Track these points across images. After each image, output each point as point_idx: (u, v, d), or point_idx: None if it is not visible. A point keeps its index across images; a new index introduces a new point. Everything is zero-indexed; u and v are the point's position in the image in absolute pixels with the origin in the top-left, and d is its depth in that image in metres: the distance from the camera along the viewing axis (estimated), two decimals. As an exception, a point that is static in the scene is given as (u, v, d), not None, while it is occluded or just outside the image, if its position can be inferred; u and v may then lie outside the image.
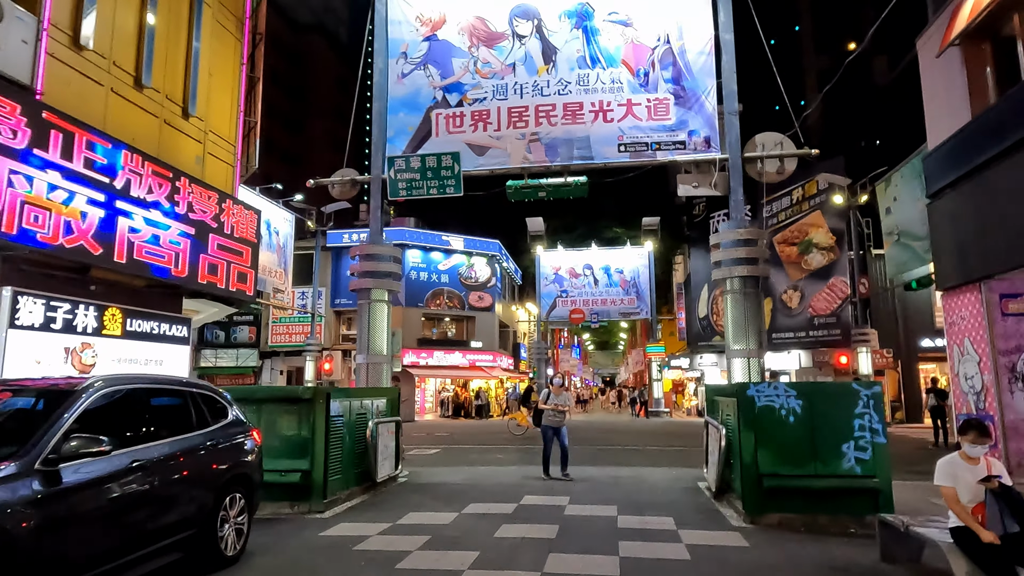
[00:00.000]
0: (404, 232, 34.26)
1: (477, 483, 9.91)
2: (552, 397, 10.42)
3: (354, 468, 8.90)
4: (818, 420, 7.03)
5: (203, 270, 10.81)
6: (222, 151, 12.38)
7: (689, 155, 11.23)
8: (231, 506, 5.53)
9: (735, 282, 10.58)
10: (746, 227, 10.69)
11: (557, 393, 10.44)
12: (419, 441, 18.31)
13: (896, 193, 24.49)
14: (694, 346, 36.56)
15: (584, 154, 11.50)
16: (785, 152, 10.99)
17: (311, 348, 28.91)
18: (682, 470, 11.20)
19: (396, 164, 11.79)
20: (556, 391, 10.46)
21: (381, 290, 11.60)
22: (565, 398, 10.52)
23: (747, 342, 10.40)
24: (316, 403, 7.93)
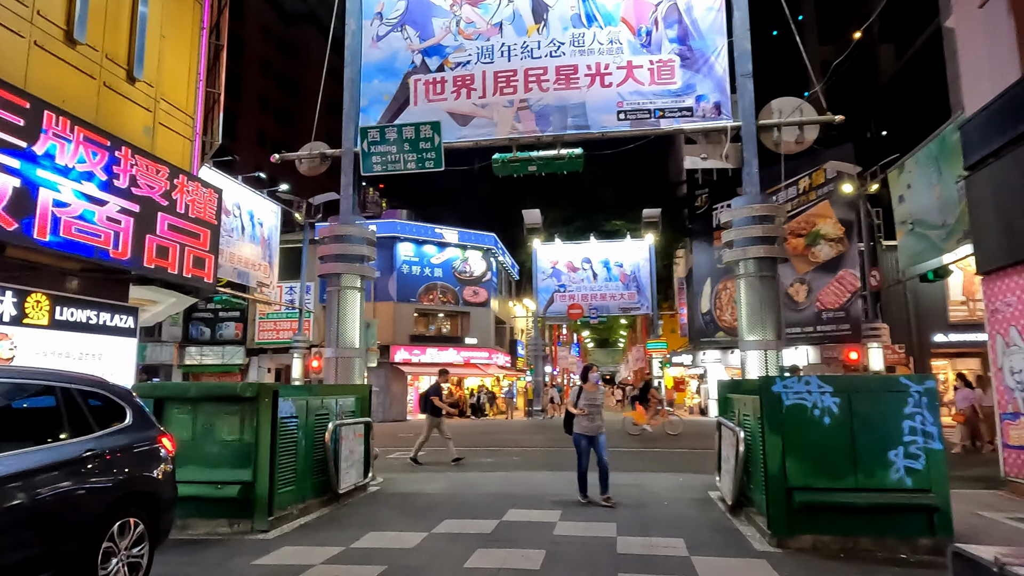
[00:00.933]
0: (396, 224, 33.04)
1: (457, 493, 8.70)
2: (585, 396, 8.05)
3: (312, 477, 7.68)
4: (859, 422, 5.82)
5: (150, 253, 9.59)
6: (178, 123, 11.16)
7: (697, 123, 10.00)
8: (122, 535, 4.32)
9: (750, 264, 9.37)
10: (761, 202, 9.47)
11: (592, 389, 8.12)
12: (405, 443, 17.08)
13: (910, 180, 23.17)
14: (696, 342, 35.34)
15: (579, 123, 10.28)
16: (805, 119, 9.78)
17: (299, 345, 27.69)
18: (689, 476, 9.98)
19: (369, 136, 10.57)
20: (590, 388, 8.10)
21: (353, 276, 10.39)
22: (600, 397, 8.16)
23: (764, 332, 9.19)
24: (261, 402, 6.71)
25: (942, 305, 28.54)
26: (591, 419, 7.94)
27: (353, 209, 10.68)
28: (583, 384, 8.11)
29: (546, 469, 11.16)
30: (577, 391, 8.08)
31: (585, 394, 7.98)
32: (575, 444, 8.01)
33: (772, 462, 5.92)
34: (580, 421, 7.97)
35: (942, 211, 20.05)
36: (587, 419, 7.92)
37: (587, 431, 7.94)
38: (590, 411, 7.92)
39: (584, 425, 7.95)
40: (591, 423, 7.96)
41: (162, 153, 10.44)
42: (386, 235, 32.43)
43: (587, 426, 7.94)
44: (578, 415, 7.95)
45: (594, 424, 7.97)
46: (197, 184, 10.71)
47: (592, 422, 7.95)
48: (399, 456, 13.52)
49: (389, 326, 31.74)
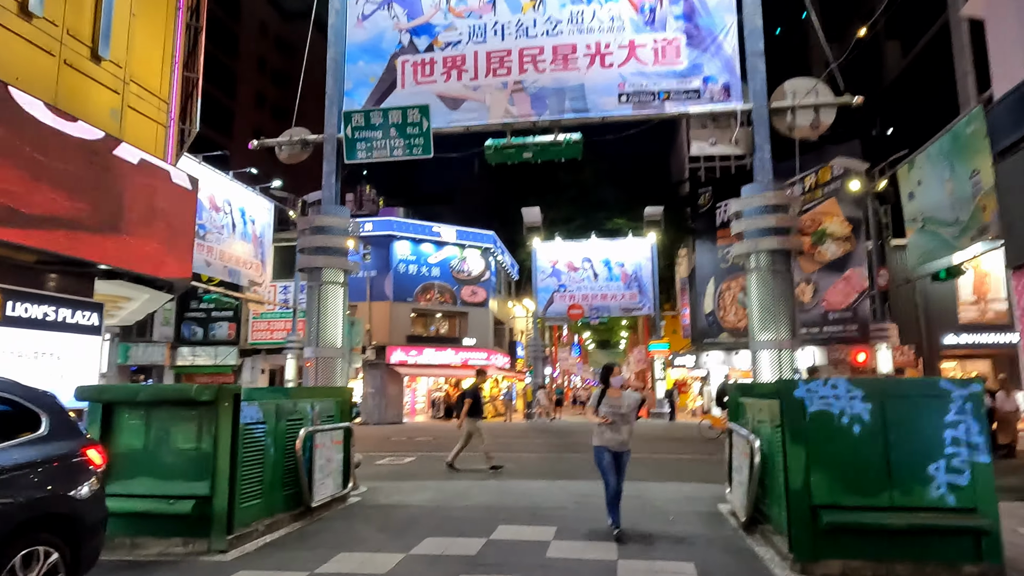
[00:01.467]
0: (392, 223, 32.37)
1: (444, 504, 7.99)
2: (608, 402, 6.48)
3: (282, 489, 6.98)
4: (894, 431, 5.11)
5: (115, 245, 8.90)
6: (150, 107, 10.48)
7: (705, 105, 9.30)
8: (27, 568, 3.62)
9: (762, 258, 8.66)
10: (774, 190, 8.77)
11: (616, 395, 6.51)
12: (397, 447, 16.41)
13: (920, 176, 22.38)
14: (699, 343, 34.60)
15: (577, 106, 9.58)
16: (821, 101, 9.07)
17: (293, 346, 27.00)
18: (696, 486, 9.26)
19: (353, 120, 9.89)
20: (614, 393, 6.51)
21: (335, 270, 9.69)
22: (628, 402, 6.52)
23: (777, 330, 8.48)
24: (220, 407, 6.00)
25: (952, 305, 27.82)
26: (615, 430, 6.39)
27: (336, 198, 9.98)
28: (605, 387, 6.55)
29: (542, 477, 10.46)
30: (598, 395, 6.51)
31: (608, 400, 6.45)
32: (596, 460, 6.47)
33: (794, 476, 5.20)
34: (602, 432, 6.45)
35: (954, 208, 19.27)
36: (610, 429, 6.40)
37: (610, 444, 6.39)
38: (613, 420, 6.41)
39: (607, 437, 6.41)
40: (615, 435, 6.39)
41: (132, 139, 9.75)
42: (382, 233, 31.78)
43: (610, 438, 6.40)
44: (600, 424, 6.47)
45: (619, 437, 6.39)
46: (168, 172, 10.02)
47: (617, 434, 6.39)
48: (389, 463, 12.81)
49: (385, 326, 31.06)
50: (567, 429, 23.92)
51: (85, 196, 8.36)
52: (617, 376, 6.55)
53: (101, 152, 8.66)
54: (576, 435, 19.93)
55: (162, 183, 9.97)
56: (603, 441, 6.47)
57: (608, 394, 6.50)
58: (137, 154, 9.30)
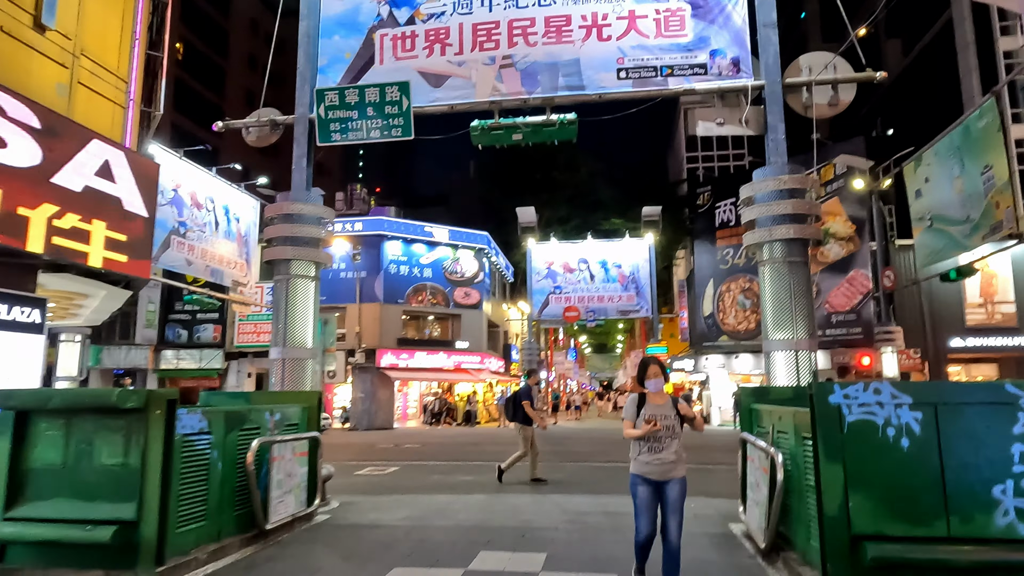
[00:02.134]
0: (383, 222, 31.49)
1: (421, 524, 7.10)
2: (648, 410, 4.62)
3: (232, 509, 6.08)
4: (950, 445, 4.25)
5: (57, 234, 8.01)
6: (106, 86, 9.59)
7: (712, 82, 8.46)
8: None
9: (776, 248, 7.81)
10: (790, 173, 7.92)
11: (659, 401, 4.66)
12: (381, 455, 15.50)
13: (928, 173, 21.58)
14: (698, 347, 33.76)
15: (572, 82, 8.73)
16: (840, 76, 8.23)
17: (277, 348, 26.07)
18: (702, 502, 8.37)
19: (327, 99, 9.02)
20: (657, 399, 4.67)
21: (305, 262, 8.81)
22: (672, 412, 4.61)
23: (793, 329, 7.62)
24: (150, 415, 5.11)
25: (959, 308, 27.07)
26: (658, 449, 4.49)
27: (307, 184, 9.11)
28: (643, 390, 4.74)
29: (533, 490, 9.58)
30: (635, 403, 4.67)
31: (649, 406, 4.62)
32: (632, 492, 4.59)
33: (830, 500, 4.34)
34: (640, 453, 4.56)
35: (964, 205, 18.41)
36: (651, 449, 4.51)
37: (651, 471, 4.49)
38: (653, 438, 4.50)
39: (647, 460, 4.51)
40: (658, 456, 4.48)
41: (84, 118, 8.88)
42: (373, 233, 30.90)
43: (652, 462, 4.49)
44: (635, 442, 4.61)
45: (664, 459, 4.48)
46: (123, 156, 9.13)
47: (659, 455, 4.48)
48: (369, 473, 11.90)
49: (375, 329, 30.15)
50: (562, 436, 23.02)
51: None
52: (654, 381, 4.68)
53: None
54: (571, 442, 19.05)
55: (118, 168, 9.08)
56: (641, 467, 4.54)
57: (648, 400, 4.65)
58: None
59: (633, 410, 4.66)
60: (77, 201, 8.29)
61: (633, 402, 4.71)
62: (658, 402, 4.65)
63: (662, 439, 4.52)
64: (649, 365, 4.75)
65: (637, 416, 4.61)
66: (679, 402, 4.66)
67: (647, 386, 4.72)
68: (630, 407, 4.71)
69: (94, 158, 8.59)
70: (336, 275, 30.85)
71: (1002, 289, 27.01)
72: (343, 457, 14.86)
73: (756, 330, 30.60)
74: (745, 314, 30.82)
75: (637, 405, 4.67)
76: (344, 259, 30.50)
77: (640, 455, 4.57)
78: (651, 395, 4.69)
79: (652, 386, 4.71)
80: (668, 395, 4.72)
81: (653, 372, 4.71)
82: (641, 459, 4.57)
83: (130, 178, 9.28)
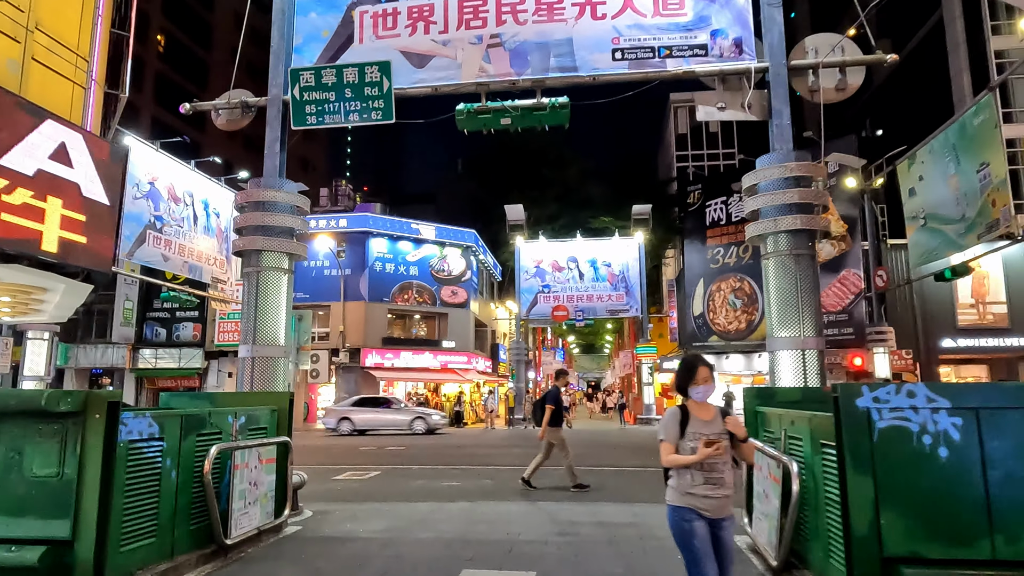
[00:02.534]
0: (368, 219, 30.84)
1: (399, 537, 6.53)
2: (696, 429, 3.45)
3: (188, 524, 5.48)
4: (995, 455, 3.75)
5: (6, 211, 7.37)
6: (65, 64, 8.95)
7: (713, 63, 7.95)
8: None
9: (781, 239, 7.32)
10: (796, 160, 7.43)
11: (706, 414, 3.52)
12: (363, 459, 14.89)
13: (922, 171, 21.29)
14: (688, 347, 33.38)
15: (564, 63, 8.19)
16: (848, 58, 7.76)
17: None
18: (701, 510, 7.87)
19: (302, 79, 8.42)
20: (703, 412, 3.53)
21: (277, 254, 8.20)
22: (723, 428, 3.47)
23: (800, 326, 7.13)
24: (89, 420, 4.51)
25: (950, 308, 26.85)
26: (715, 480, 3.40)
27: (280, 170, 8.51)
28: (685, 400, 3.58)
29: (521, 497, 9.04)
30: (676, 419, 3.50)
31: (695, 424, 3.46)
32: (676, 534, 3.47)
33: (859, 517, 3.82)
34: (688, 484, 3.42)
35: (960, 203, 18.08)
36: (706, 480, 3.39)
37: (707, 506, 3.39)
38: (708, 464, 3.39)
39: (703, 493, 3.40)
40: (712, 489, 3.40)
41: (40, 98, 8.24)
42: (358, 230, 30.24)
43: (708, 494, 3.39)
44: (678, 470, 3.46)
45: (718, 492, 3.40)
46: (81, 139, 8.49)
47: (718, 486, 3.40)
48: (348, 479, 11.30)
49: (360, 328, 29.49)
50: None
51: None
52: (706, 384, 3.48)
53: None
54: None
55: (76, 152, 8.44)
56: (695, 499, 3.39)
57: (692, 413, 3.48)
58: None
59: (675, 428, 3.45)
60: (29, 186, 7.65)
61: (674, 418, 3.48)
62: (705, 416, 3.49)
63: (718, 465, 3.40)
64: (698, 367, 3.51)
65: (681, 436, 3.44)
66: (728, 415, 3.52)
67: (692, 395, 3.50)
68: (670, 424, 3.48)
69: (48, 140, 7.95)
70: (320, 272, 30.17)
71: (993, 290, 26.83)
72: (324, 460, 14.25)
73: (747, 330, 30.26)
74: (736, 314, 30.47)
75: (680, 421, 3.46)
76: (328, 256, 29.83)
77: (693, 485, 3.39)
78: (696, 407, 3.51)
79: (700, 394, 3.48)
80: (714, 407, 3.56)
81: (703, 376, 3.48)
82: (696, 490, 3.38)
83: (89, 163, 8.65)
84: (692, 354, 3.75)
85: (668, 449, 3.46)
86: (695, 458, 3.36)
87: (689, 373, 3.52)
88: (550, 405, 9.58)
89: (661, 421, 3.56)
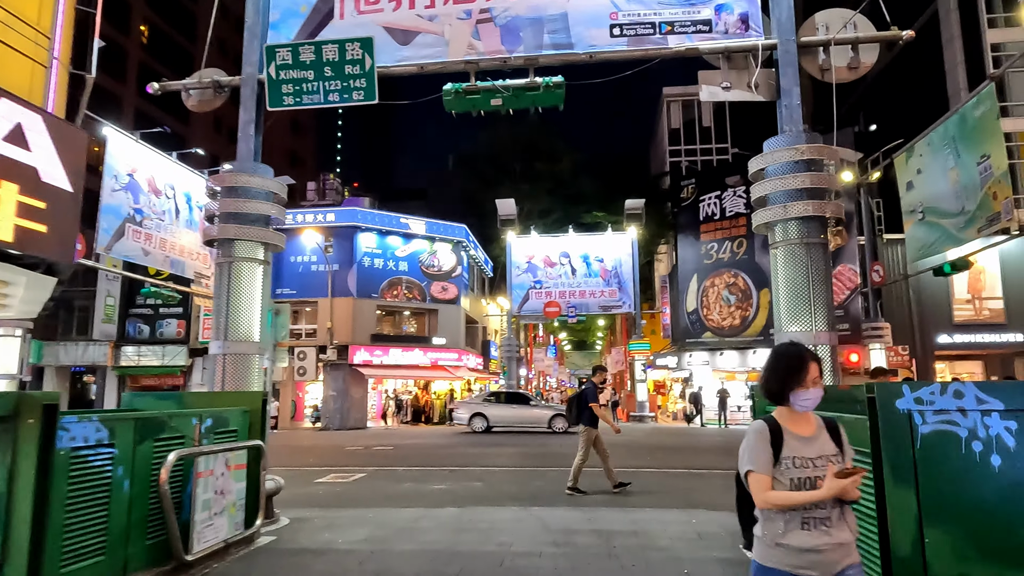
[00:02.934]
0: (356, 213, 30.20)
1: (381, 548, 6.02)
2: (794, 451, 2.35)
3: (144, 539, 4.95)
4: (1055, 464, 3.28)
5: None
6: (23, 41, 8.32)
7: (717, 40, 7.46)
8: None
9: (791, 227, 6.85)
10: (807, 142, 6.95)
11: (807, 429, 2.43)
12: (349, 459, 14.35)
13: (920, 164, 20.90)
14: (681, 344, 33.02)
15: (559, 40, 7.68)
16: (861, 35, 7.29)
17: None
18: (704, 515, 7.41)
19: (278, 57, 7.87)
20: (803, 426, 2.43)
21: (252, 243, 7.66)
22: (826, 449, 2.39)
23: (811, 320, 6.66)
24: (20, 425, 3.96)
25: (946, 304, 26.59)
26: (820, 522, 2.30)
27: (255, 154, 7.95)
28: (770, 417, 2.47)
29: (514, 501, 8.54)
30: (766, 438, 2.37)
31: (792, 442, 2.37)
32: None
33: (900, 534, 3.34)
34: (779, 532, 2.31)
35: (959, 196, 17.71)
36: (805, 522, 2.29)
37: (812, 563, 2.27)
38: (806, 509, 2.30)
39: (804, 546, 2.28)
40: (823, 538, 2.29)
41: (-5, 76, 7.64)
42: (346, 224, 29.62)
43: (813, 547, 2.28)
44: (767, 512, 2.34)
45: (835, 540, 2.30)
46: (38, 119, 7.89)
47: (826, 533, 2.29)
48: (332, 481, 10.76)
49: (348, 324, 28.88)
50: (542, 435, 22.02)
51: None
52: (816, 388, 2.39)
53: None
54: (552, 443, 18.06)
55: (34, 134, 7.84)
56: (780, 554, 2.31)
57: (787, 428, 2.41)
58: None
59: (767, 452, 2.33)
60: (-21, 169, 7.06)
61: (763, 438, 2.36)
62: (805, 431, 2.39)
63: (827, 513, 2.30)
64: (808, 361, 2.39)
65: (776, 462, 2.32)
66: (839, 429, 2.48)
67: (797, 402, 2.37)
68: (758, 447, 2.35)
69: (2, 120, 7.35)
70: (307, 268, 29.55)
71: (990, 285, 26.59)
72: (309, 460, 13.71)
73: (741, 326, 29.90)
74: (730, 310, 30.12)
75: (771, 440, 2.35)
76: (316, 251, 29.20)
77: (787, 532, 2.28)
78: (792, 418, 2.40)
79: (809, 402, 2.37)
80: (815, 416, 2.47)
81: (814, 376, 2.37)
82: (791, 539, 2.28)
83: (50, 146, 8.04)
84: (794, 345, 2.50)
85: (763, 484, 2.29)
86: (816, 495, 2.24)
87: (794, 371, 2.36)
88: (593, 403, 9.09)
89: (744, 444, 2.39)
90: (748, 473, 2.35)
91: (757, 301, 29.14)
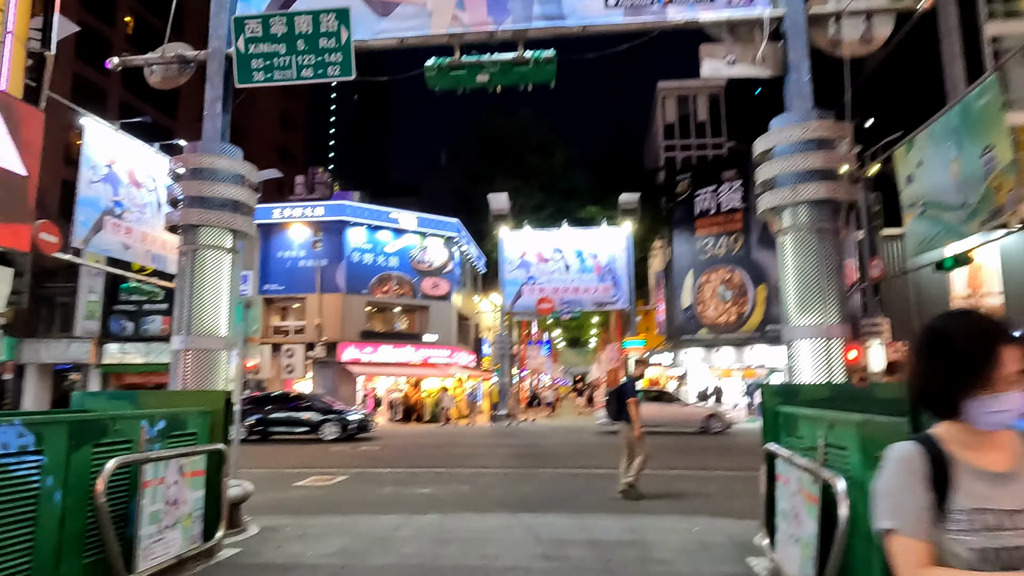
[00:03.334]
0: (345, 207, 29.60)
1: (353, 562, 5.47)
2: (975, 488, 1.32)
3: (80, 556, 4.39)
4: None
5: None
6: (-28, 12, 7.72)
7: (721, 11, 6.93)
8: None
9: (801, 212, 6.33)
10: (817, 119, 6.43)
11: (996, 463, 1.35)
12: (332, 460, 13.79)
13: (921, 156, 20.33)
14: (676, 340, 32.59)
15: (550, 11, 7.13)
16: (875, 4, 6.77)
17: (230, 341, 24.02)
18: (706, 522, 6.89)
19: (247, 29, 7.29)
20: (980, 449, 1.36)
21: (219, 229, 7.08)
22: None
23: (823, 312, 6.16)
24: (-82, 431, 3.40)
25: (945, 300, 26.22)
26: None
27: (222, 133, 7.37)
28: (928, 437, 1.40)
29: (501, 507, 8.00)
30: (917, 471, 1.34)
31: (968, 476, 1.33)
32: None
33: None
34: None
35: (961, 190, 17.20)
36: None
37: None
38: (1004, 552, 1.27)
39: None
40: None
41: (-62, 49, 7.03)
42: (335, 219, 29.02)
43: None
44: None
45: None
46: (-9, 96, 7.29)
47: None
48: (310, 484, 10.20)
49: (337, 321, 28.29)
50: (535, 433, 21.51)
51: None
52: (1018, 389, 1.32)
53: None
54: (546, 442, 17.54)
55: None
56: None
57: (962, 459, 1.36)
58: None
59: (922, 498, 1.34)
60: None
61: (913, 473, 1.35)
62: (1000, 464, 1.37)
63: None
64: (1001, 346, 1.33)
65: (942, 515, 1.33)
66: None
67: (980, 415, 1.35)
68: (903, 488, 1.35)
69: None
70: (295, 263, 28.93)
71: (989, 281, 26.25)
72: (287, 463, 13.13)
73: (737, 323, 29.46)
74: (726, 306, 29.67)
75: (932, 477, 1.34)
76: (304, 246, 28.59)
77: None
78: (974, 442, 1.38)
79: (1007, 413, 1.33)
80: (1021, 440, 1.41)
81: (1013, 371, 1.33)
82: None
83: (0, 125, 7.45)
84: (969, 315, 1.42)
85: (915, 554, 1.31)
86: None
87: (976, 360, 1.34)
88: (632, 398, 8.43)
89: (880, 483, 1.40)
90: (887, 532, 1.35)
91: (754, 297, 28.72)
